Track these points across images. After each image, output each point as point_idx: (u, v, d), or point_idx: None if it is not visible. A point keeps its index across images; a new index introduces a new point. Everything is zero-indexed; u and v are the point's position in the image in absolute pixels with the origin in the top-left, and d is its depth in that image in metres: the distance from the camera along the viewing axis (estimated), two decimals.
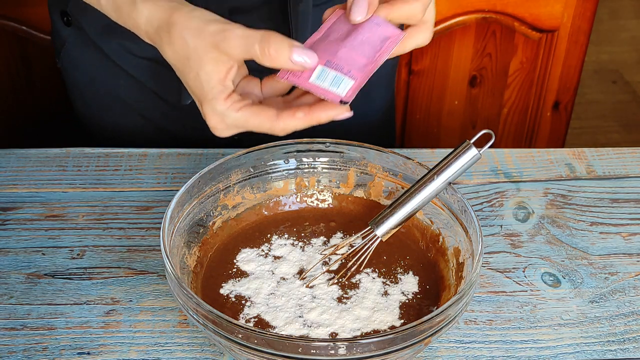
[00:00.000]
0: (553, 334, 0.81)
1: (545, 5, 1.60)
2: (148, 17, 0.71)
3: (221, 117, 0.70)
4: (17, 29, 1.55)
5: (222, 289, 0.80)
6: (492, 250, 0.91)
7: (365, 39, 0.72)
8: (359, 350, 0.68)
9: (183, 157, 1.01)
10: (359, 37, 0.72)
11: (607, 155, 1.05)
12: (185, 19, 0.69)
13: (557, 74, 1.70)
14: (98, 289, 0.84)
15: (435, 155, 1.03)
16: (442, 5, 1.58)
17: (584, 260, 0.90)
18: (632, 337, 0.81)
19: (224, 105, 0.69)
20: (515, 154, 1.05)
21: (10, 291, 0.84)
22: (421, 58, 1.65)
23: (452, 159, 0.77)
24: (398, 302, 0.79)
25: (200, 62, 0.68)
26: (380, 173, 0.88)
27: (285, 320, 0.76)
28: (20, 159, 1.01)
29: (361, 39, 0.72)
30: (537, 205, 0.97)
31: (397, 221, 0.78)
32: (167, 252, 0.74)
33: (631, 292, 0.86)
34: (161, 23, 0.70)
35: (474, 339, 0.80)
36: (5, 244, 0.89)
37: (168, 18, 0.70)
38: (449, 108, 1.73)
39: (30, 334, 0.79)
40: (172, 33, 0.70)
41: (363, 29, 0.72)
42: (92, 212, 0.94)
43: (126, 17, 0.73)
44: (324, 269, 0.82)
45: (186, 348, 0.79)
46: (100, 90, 1.09)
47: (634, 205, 0.97)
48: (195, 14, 0.69)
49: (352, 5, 0.71)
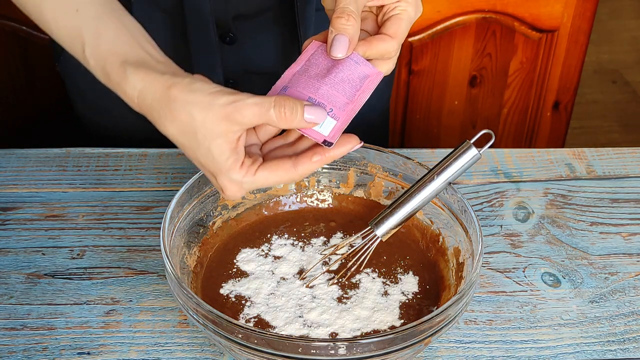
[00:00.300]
0: (553, 334, 0.81)
1: (545, 5, 1.60)
2: (142, 90, 0.68)
3: (239, 185, 0.69)
4: (17, 29, 1.55)
5: (222, 289, 0.80)
6: (492, 250, 0.91)
7: (345, 76, 0.72)
8: (359, 350, 0.68)
9: (183, 157, 1.01)
10: (340, 75, 0.72)
11: (607, 155, 1.05)
12: (187, 94, 0.66)
13: (557, 74, 1.70)
14: (98, 289, 0.84)
15: (435, 155, 1.03)
16: (442, 5, 1.58)
17: (584, 260, 0.90)
18: (632, 337, 0.81)
19: (240, 173, 0.68)
20: (515, 154, 1.05)
21: (10, 291, 0.84)
22: (421, 58, 1.65)
23: (452, 159, 0.77)
24: (398, 302, 0.79)
25: (210, 136, 0.66)
26: (380, 173, 0.88)
27: (285, 320, 0.76)
28: (20, 159, 1.01)
29: (342, 76, 0.72)
30: (537, 205, 0.97)
31: (397, 221, 0.78)
32: (167, 252, 0.74)
33: (631, 292, 0.86)
34: (158, 98, 0.67)
35: (474, 339, 0.80)
36: (5, 244, 0.89)
37: (166, 93, 0.67)
38: (449, 108, 1.73)
39: (30, 334, 0.79)
40: (174, 109, 0.67)
41: (343, 66, 0.72)
42: (92, 212, 0.94)
43: (115, 85, 0.70)
44: (324, 269, 0.82)
45: (186, 348, 0.79)
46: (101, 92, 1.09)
47: (634, 205, 0.97)
48: (195, 86, 0.67)
49: (333, 42, 0.71)
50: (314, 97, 0.71)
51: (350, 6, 0.71)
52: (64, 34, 0.72)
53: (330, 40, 0.72)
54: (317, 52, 0.74)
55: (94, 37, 0.70)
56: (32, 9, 0.73)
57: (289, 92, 0.71)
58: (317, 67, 0.73)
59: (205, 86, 0.67)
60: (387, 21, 0.74)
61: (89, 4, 0.71)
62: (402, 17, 0.74)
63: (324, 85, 0.71)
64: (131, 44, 0.70)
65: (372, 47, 0.73)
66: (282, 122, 0.67)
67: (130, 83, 0.68)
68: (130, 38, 0.71)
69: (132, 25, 0.72)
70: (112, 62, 0.69)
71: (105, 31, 0.70)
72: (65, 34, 0.72)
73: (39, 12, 0.73)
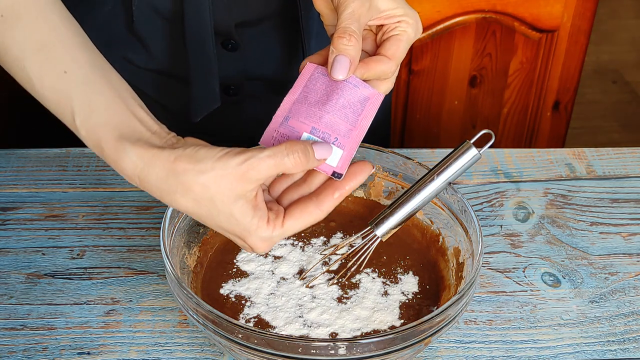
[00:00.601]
0: (553, 334, 0.81)
1: (545, 5, 1.60)
2: (143, 169, 0.65)
3: (269, 241, 0.69)
4: None
5: (222, 289, 0.80)
6: (492, 250, 0.91)
7: (346, 102, 0.72)
8: (359, 350, 0.68)
9: None
10: (340, 100, 0.71)
11: (607, 155, 1.05)
12: (195, 164, 0.64)
13: (557, 74, 1.70)
14: (98, 289, 0.84)
15: (435, 155, 1.03)
16: (442, 5, 1.58)
17: (584, 260, 0.90)
18: (632, 337, 0.81)
19: (268, 230, 0.68)
20: (515, 154, 1.05)
21: (10, 291, 0.84)
22: (421, 58, 1.65)
23: (452, 159, 0.77)
24: (398, 302, 0.79)
25: (229, 200, 0.65)
26: (380, 173, 0.88)
27: (285, 320, 0.76)
28: (20, 159, 1.01)
29: (342, 102, 0.71)
30: (537, 205, 0.97)
31: (397, 221, 0.78)
32: (167, 252, 0.74)
33: (631, 292, 0.86)
34: (164, 176, 0.65)
35: (474, 339, 0.80)
36: (5, 244, 0.89)
37: (172, 168, 0.65)
38: (449, 108, 1.73)
39: (30, 334, 0.79)
40: (185, 182, 0.64)
41: (342, 90, 0.72)
42: (92, 212, 0.94)
43: (110, 161, 0.67)
44: (324, 269, 0.82)
45: (186, 348, 0.79)
46: None
47: (634, 205, 0.97)
48: (201, 154, 0.65)
49: (334, 63, 0.71)
50: (317, 126, 0.70)
51: (352, 26, 0.71)
52: (50, 96, 0.68)
53: (331, 61, 0.71)
54: (313, 75, 0.73)
55: (85, 105, 0.67)
56: (13, 63, 0.69)
57: (291, 123, 0.71)
58: (317, 93, 0.72)
59: (210, 152, 0.65)
60: (386, 41, 0.74)
61: (78, 64, 0.68)
62: (402, 39, 0.74)
63: (325, 114, 0.71)
64: (124, 113, 0.67)
65: (371, 69, 0.72)
66: (298, 167, 0.66)
67: (129, 162, 0.66)
68: (122, 105, 0.68)
69: (120, 85, 0.69)
70: (107, 137, 0.66)
71: (96, 99, 0.67)
72: (51, 96, 0.68)
73: (21, 67, 0.68)
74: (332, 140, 0.70)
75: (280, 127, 0.71)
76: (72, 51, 0.68)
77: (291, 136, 0.70)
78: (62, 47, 0.68)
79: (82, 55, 0.69)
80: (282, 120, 0.71)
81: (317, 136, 0.70)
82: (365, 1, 0.72)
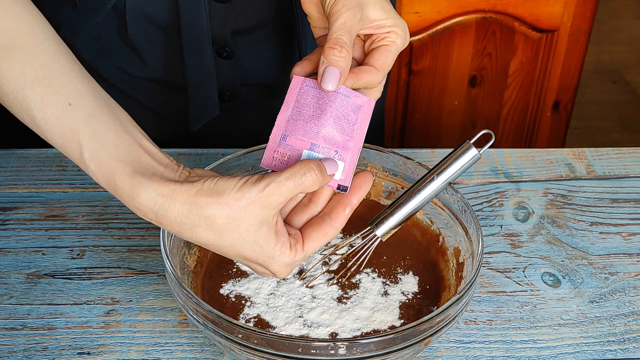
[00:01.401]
0: (553, 334, 0.81)
1: (545, 5, 1.60)
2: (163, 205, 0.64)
3: (292, 265, 0.69)
4: None
5: (222, 289, 0.80)
6: (492, 250, 0.91)
7: (340, 113, 0.72)
8: (359, 350, 0.68)
9: (183, 157, 1.01)
10: (334, 112, 0.72)
11: (607, 155, 1.05)
12: (217, 197, 0.64)
13: (557, 74, 1.70)
14: (98, 289, 0.84)
15: (435, 155, 1.03)
16: (442, 5, 1.58)
17: (584, 260, 0.90)
18: (632, 337, 0.81)
19: (291, 255, 0.68)
20: (515, 154, 1.05)
21: (10, 291, 0.84)
22: (421, 58, 1.65)
23: (452, 159, 0.77)
24: (398, 302, 0.79)
25: (253, 228, 0.65)
26: (380, 173, 0.88)
27: (285, 320, 0.76)
28: (20, 159, 1.01)
29: (336, 114, 0.72)
30: (537, 205, 0.97)
31: (397, 221, 0.78)
32: (167, 252, 0.74)
33: (631, 292, 0.86)
34: (185, 211, 0.64)
35: (474, 339, 0.80)
36: (5, 244, 0.89)
37: (194, 202, 0.64)
38: (449, 108, 1.73)
39: (30, 334, 0.79)
40: (209, 216, 0.64)
41: (334, 102, 0.72)
42: (92, 212, 0.94)
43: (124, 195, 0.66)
44: (323, 269, 0.82)
45: (186, 348, 0.79)
46: None
47: (634, 205, 0.97)
48: (220, 187, 0.65)
49: (324, 73, 0.71)
50: (316, 142, 0.71)
51: (343, 37, 0.71)
52: (55, 130, 0.66)
53: (321, 71, 0.71)
54: (303, 89, 0.73)
55: (93, 139, 0.65)
56: (10, 94, 0.65)
57: (289, 142, 0.71)
58: (309, 108, 0.72)
59: (229, 183, 0.65)
60: (375, 51, 0.74)
61: (82, 97, 0.66)
62: (390, 49, 0.74)
63: (322, 128, 0.71)
64: (133, 147, 0.66)
65: (360, 79, 0.73)
66: (315, 185, 0.67)
67: (148, 198, 0.65)
68: (129, 139, 0.66)
69: (124, 118, 0.68)
70: (121, 173, 0.65)
71: (104, 133, 0.66)
72: (56, 130, 0.66)
73: (20, 98, 0.65)
74: (333, 154, 0.71)
75: (279, 147, 0.71)
76: (74, 82, 0.67)
77: (292, 155, 0.71)
78: (64, 78, 0.66)
79: (84, 86, 0.67)
80: (279, 140, 0.71)
81: (317, 152, 0.71)
82: (357, 11, 0.72)
